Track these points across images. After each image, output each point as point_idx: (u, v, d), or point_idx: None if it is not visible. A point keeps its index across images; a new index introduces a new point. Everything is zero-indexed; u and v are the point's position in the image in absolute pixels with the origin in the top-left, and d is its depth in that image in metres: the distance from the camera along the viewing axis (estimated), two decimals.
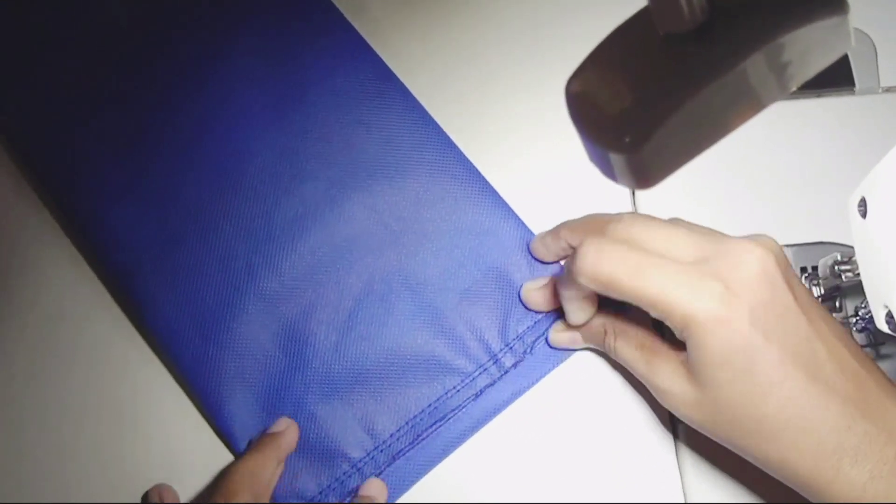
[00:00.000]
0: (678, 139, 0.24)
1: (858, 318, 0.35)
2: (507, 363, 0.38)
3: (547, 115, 0.42)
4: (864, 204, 0.29)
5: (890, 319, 0.29)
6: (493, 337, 0.38)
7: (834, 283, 0.36)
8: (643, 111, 0.24)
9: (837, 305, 0.37)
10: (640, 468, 0.36)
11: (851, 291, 0.37)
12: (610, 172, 0.25)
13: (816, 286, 0.37)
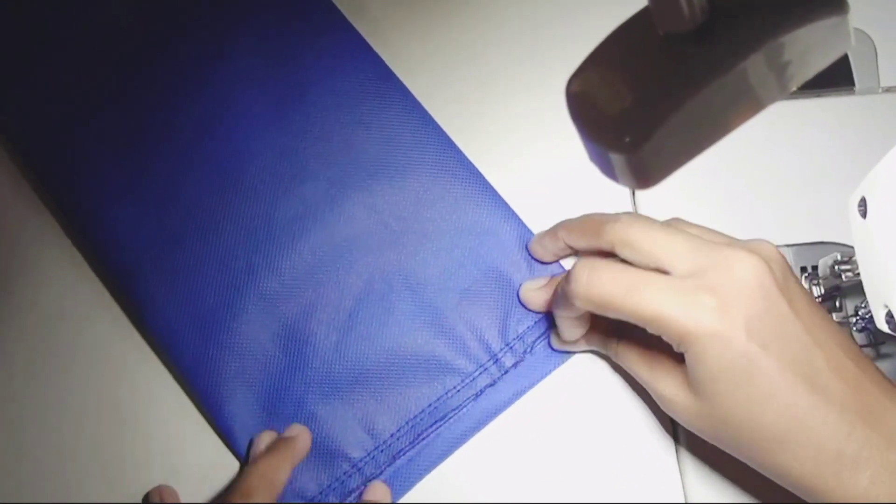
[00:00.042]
0: (678, 139, 0.24)
1: (858, 317, 0.35)
2: (507, 363, 0.38)
3: (547, 115, 0.42)
4: (864, 204, 0.30)
5: (890, 319, 0.29)
6: (493, 337, 0.38)
7: (834, 282, 0.36)
8: (643, 111, 0.24)
9: (837, 305, 0.37)
10: (640, 468, 0.36)
11: (851, 291, 0.37)
12: (610, 172, 0.25)
13: (816, 286, 0.37)
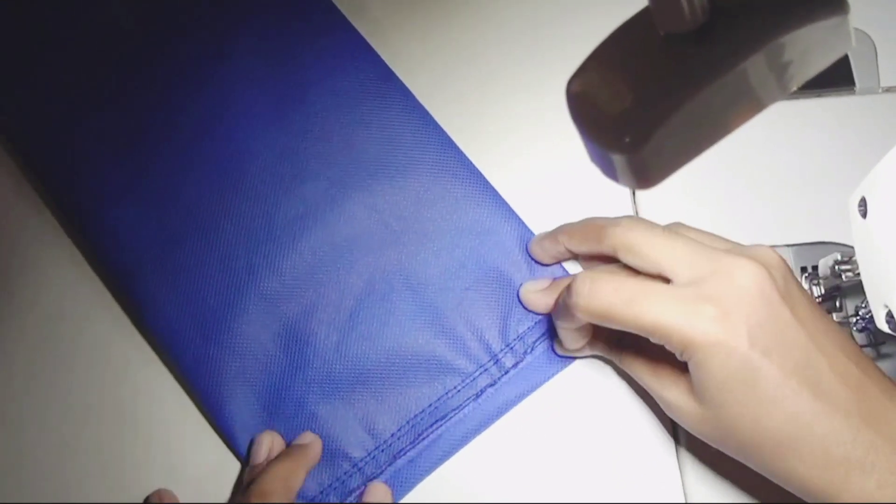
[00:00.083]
0: (678, 139, 0.24)
1: (858, 318, 0.35)
2: (507, 363, 0.38)
3: (547, 115, 0.42)
4: (864, 204, 0.30)
5: (890, 319, 0.29)
6: (493, 337, 0.38)
7: (834, 283, 0.36)
8: (644, 111, 0.24)
9: (837, 305, 0.37)
10: (640, 468, 0.36)
11: (851, 291, 0.37)
12: (610, 172, 0.25)
13: (816, 286, 0.37)
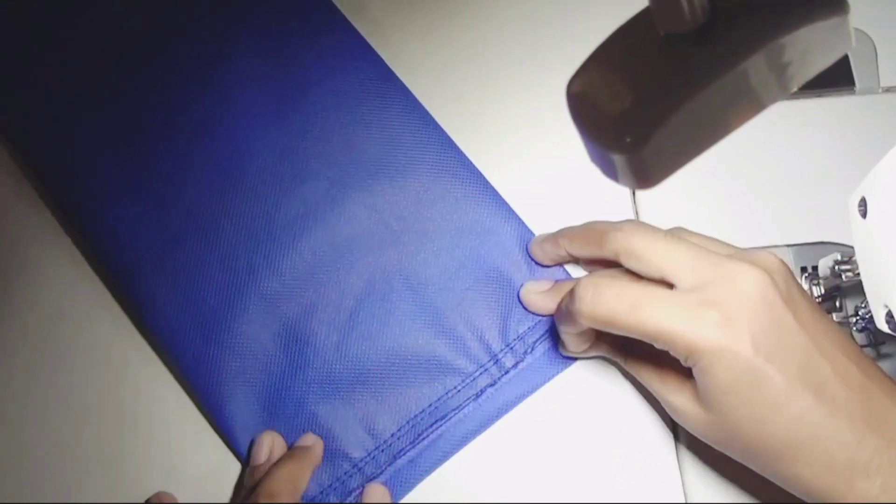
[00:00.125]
0: (679, 139, 0.24)
1: (858, 318, 0.35)
2: (507, 363, 0.38)
3: (547, 115, 0.42)
4: (864, 204, 0.30)
5: (890, 319, 0.29)
6: (493, 337, 0.38)
7: (834, 283, 0.36)
8: (644, 111, 0.24)
9: (837, 305, 0.37)
10: (640, 468, 0.36)
11: (851, 291, 0.37)
12: (611, 172, 0.25)
13: (816, 286, 0.37)
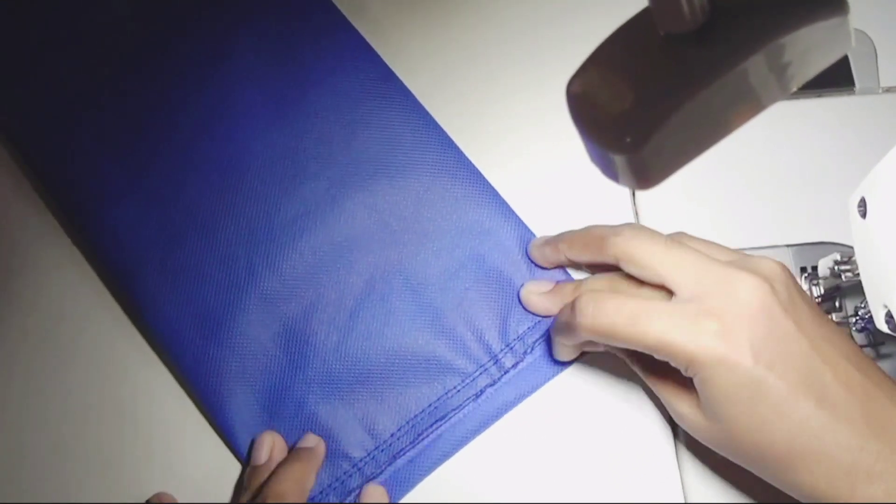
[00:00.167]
0: (679, 139, 0.24)
1: (858, 318, 0.35)
2: (507, 363, 0.38)
3: (547, 115, 0.42)
4: (864, 204, 0.30)
5: (890, 319, 0.29)
6: (493, 337, 0.38)
7: (834, 283, 0.36)
8: (644, 111, 0.24)
9: (837, 305, 0.37)
10: (640, 468, 0.36)
11: (851, 291, 0.37)
12: (611, 173, 0.25)
13: (816, 286, 0.37)
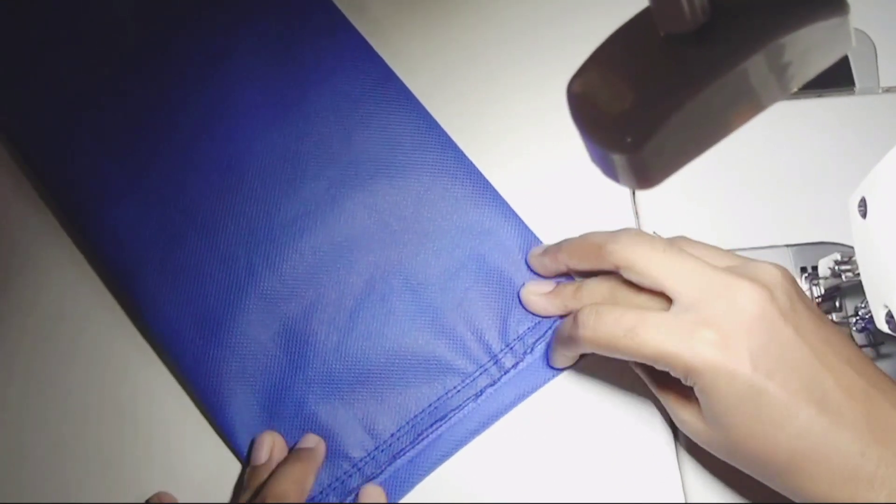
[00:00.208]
0: (679, 139, 0.24)
1: (858, 318, 0.35)
2: (507, 364, 0.38)
3: (547, 115, 0.42)
4: (864, 204, 0.30)
5: (890, 319, 0.29)
6: (493, 337, 0.38)
7: (834, 283, 0.36)
8: (644, 111, 0.24)
9: (837, 305, 0.37)
10: (640, 468, 0.36)
11: (851, 291, 0.37)
12: (611, 172, 0.25)
13: (816, 286, 0.37)
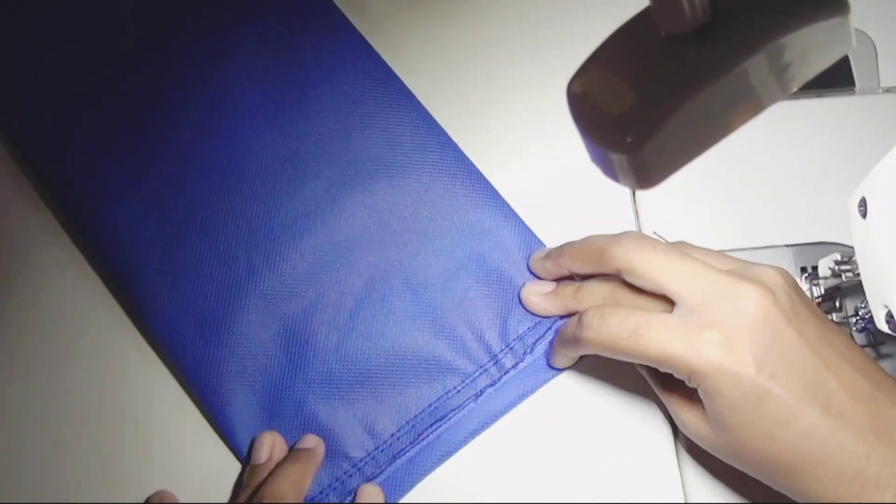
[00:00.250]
0: (679, 139, 0.24)
1: (858, 318, 0.35)
2: (507, 364, 0.38)
3: (547, 115, 0.42)
4: (864, 204, 0.30)
5: (890, 319, 0.29)
6: (493, 337, 0.38)
7: (834, 283, 0.36)
8: (644, 111, 0.24)
9: (837, 305, 0.37)
10: (640, 468, 0.36)
11: (851, 291, 0.37)
12: (611, 172, 0.25)
13: (816, 286, 0.37)
